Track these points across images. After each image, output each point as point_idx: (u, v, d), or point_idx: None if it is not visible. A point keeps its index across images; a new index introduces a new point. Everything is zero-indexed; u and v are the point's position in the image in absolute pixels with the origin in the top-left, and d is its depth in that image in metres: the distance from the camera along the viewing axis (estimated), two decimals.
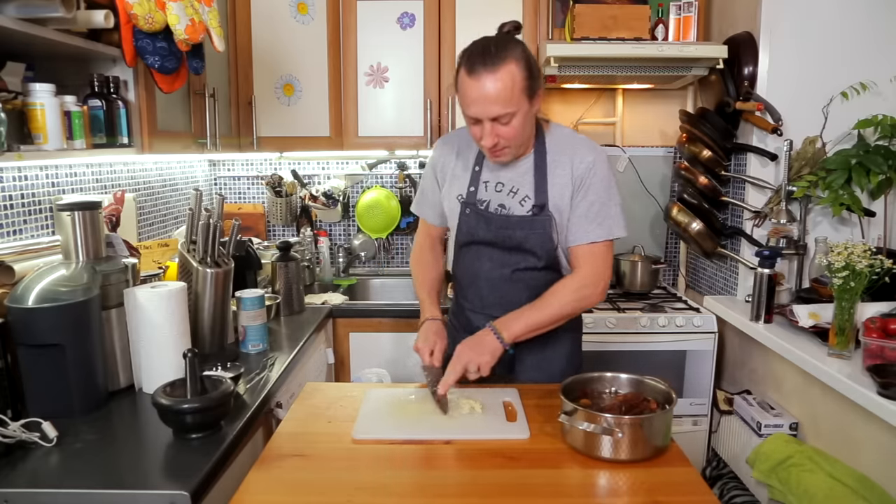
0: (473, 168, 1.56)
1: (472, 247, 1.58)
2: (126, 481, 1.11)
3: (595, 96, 2.85)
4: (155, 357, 1.47)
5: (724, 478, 2.21)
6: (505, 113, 1.36)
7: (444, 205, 1.63)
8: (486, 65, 1.33)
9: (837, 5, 2.17)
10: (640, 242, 2.82)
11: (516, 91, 1.34)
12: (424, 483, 1.14)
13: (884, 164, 2.02)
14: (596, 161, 1.48)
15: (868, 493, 1.58)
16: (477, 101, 1.36)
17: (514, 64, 1.34)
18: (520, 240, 1.51)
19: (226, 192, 3.00)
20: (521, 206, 1.51)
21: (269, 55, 2.51)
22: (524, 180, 1.51)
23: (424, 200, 1.71)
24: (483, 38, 1.40)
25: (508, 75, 1.33)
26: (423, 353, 1.51)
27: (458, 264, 1.65)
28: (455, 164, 1.60)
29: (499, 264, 1.56)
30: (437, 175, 1.65)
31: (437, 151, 1.65)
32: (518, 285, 1.55)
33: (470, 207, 1.55)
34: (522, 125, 1.40)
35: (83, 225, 1.44)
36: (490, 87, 1.33)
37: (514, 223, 1.51)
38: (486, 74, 1.33)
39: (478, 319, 1.60)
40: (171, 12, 1.58)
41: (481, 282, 1.59)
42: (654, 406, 1.27)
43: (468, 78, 1.35)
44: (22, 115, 1.42)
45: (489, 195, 1.54)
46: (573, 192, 1.48)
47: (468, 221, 1.56)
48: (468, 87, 1.36)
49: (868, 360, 1.64)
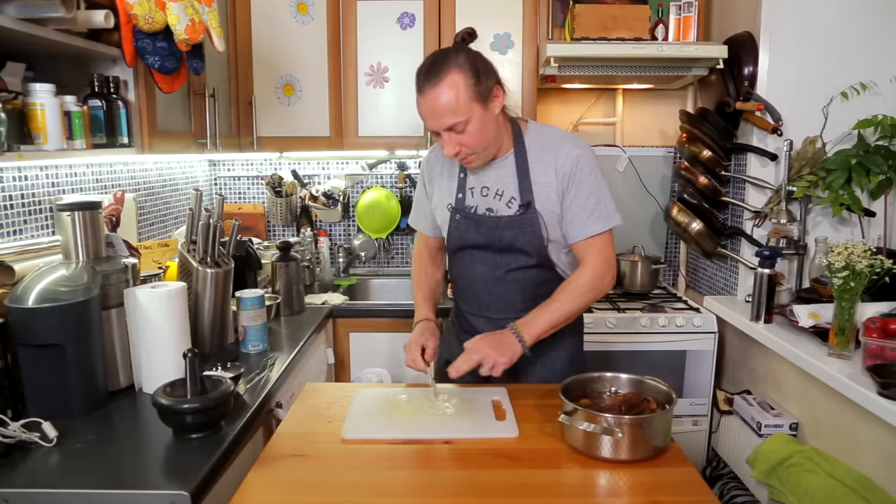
0: (459, 175, 1.59)
1: (465, 251, 1.61)
2: (126, 481, 1.11)
3: (595, 96, 2.85)
4: (155, 357, 1.47)
5: (724, 478, 2.21)
6: (456, 122, 1.40)
7: (436, 215, 1.66)
8: (429, 80, 1.39)
9: (837, 5, 2.17)
10: (640, 242, 2.82)
11: (462, 99, 1.38)
12: (424, 483, 1.14)
13: (884, 164, 2.02)
14: (581, 156, 1.50)
15: (868, 494, 1.58)
16: (428, 116, 1.42)
17: (457, 72, 1.38)
18: (510, 240, 1.53)
19: (226, 192, 3.00)
20: (509, 208, 1.53)
21: (269, 55, 2.51)
22: (507, 182, 1.53)
23: (419, 213, 1.74)
24: (432, 53, 1.46)
25: (451, 86, 1.37)
26: (412, 351, 1.54)
27: (454, 268, 1.68)
28: (441, 175, 1.64)
29: (491, 266, 1.58)
30: (426, 186, 1.69)
31: (424, 164, 1.69)
32: (512, 286, 1.57)
33: (459, 213, 1.58)
34: (481, 130, 1.42)
35: (83, 225, 1.44)
36: (436, 101, 1.39)
37: (504, 224, 1.53)
38: (430, 89, 1.38)
39: (476, 321, 1.63)
40: (171, 12, 1.58)
41: (476, 284, 1.61)
42: (654, 406, 1.27)
43: (419, 96, 1.43)
44: (22, 115, 1.42)
45: (476, 200, 1.57)
46: (563, 189, 1.50)
47: (458, 227, 1.58)
48: (420, 105, 1.43)
49: (868, 360, 1.64)
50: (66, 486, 1.09)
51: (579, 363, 1.66)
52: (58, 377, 1.34)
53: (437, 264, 1.77)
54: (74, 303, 1.34)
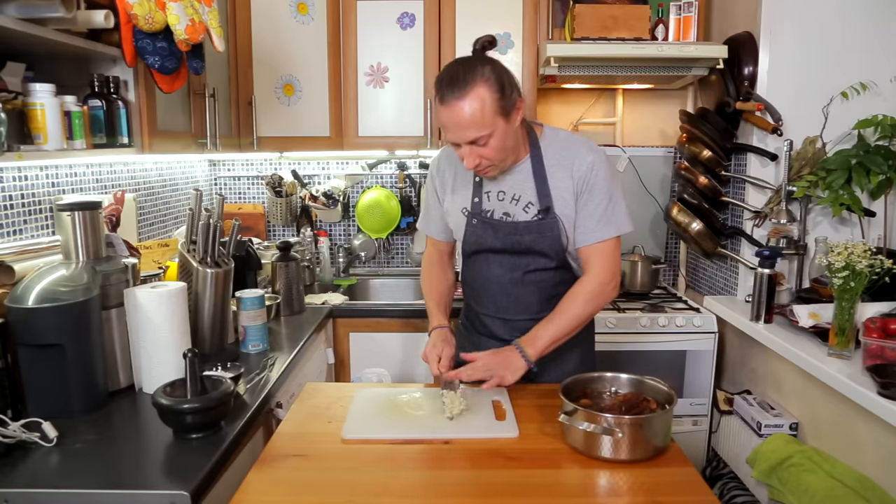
0: (474, 179, 1.57)
1: (481, 255, 1.59)
2: (126, 481, 1.11)
3: (595, 96, 2.85)
4: (155, 357, 1.47)
5: (724, 478, 2.21)
6: (480, 136, 1.37)
7: (449, 219, 1.64)
8: (455, 92, 1.34)
9: (837, 5, 2.17)
10: (640, 242, 2.82)
11: (487, 113, 1.35)
12: (424, 483, 1.14)
13: (884, 164, 2.02)
14: (595, 160, 1.49)
15: (868, 494, 1.58)
16: (451, 128, 1.39)
17: (483, 86, 1.34)
18: (529, 244, 1.52)
19: (226, 192, 3.00)
20: (526, 213, 1.52)
21: (269, 55, 2.51)
22: (525, 187, 1.52)
23: (429, 217, 1.72)
24: (454, 61, 1.43)
25: (478, 100, 1.34)
26: (431, 360, 1.51)
27: (467, 271, 1.66)
28: (454, 178, 1.61)
29: (509, 269, 1.57)
30: (437, 191, 1.66)
31: (436, 168, 1.66)
32: (530, 287, 1.57)
33: (476, 217, 1.56)
34: (502, 143, 1.41)
35: (83, 225, 1.44)
36: (461, 114, 1.35)
37: (522, 229, 1.52)
38: (456, 102, 1.35)
39: (493, 323, 1.63)
40: (171, 12, 1.58)
41: (493, 287, 1.60)
42: (654, 406, 1.27)
43: (441, 106, 1.38)
44: (22, 115, 1.42)
45: (492, 205, 1.55)
46: (577, 193, 1.49)
47: (475, 231, 1.57)
48: (442, 115, 1.39)
49: (868, 360, 1.64)
50: (66, 486, 1.09)
51: (590, 365, 1.66)
52: (58, 377, 1.34)
53: (445, 269, 1.75)
54: (74, 303, 1.34)
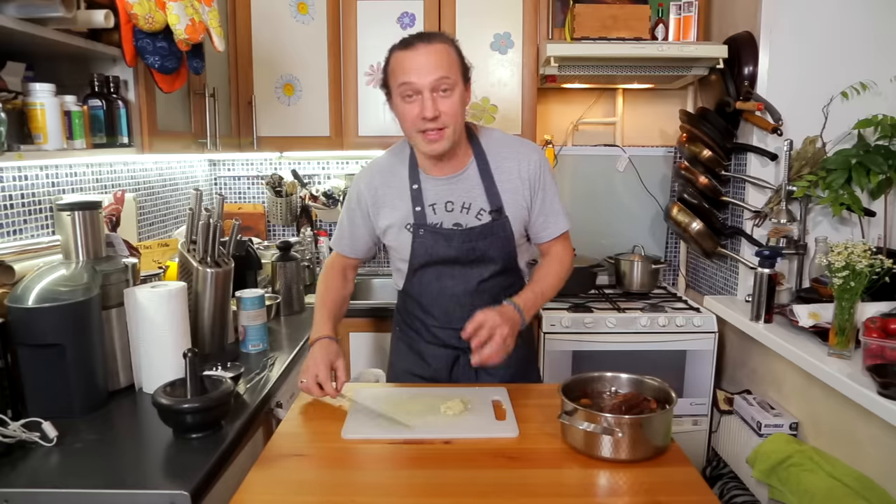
0: (412, 187, 1.53)
1: (431, 268, 1.57)
2: (126, 481, 1.11)
3: (595, 96, 2.85)
4: (155, 357, 1.47)
5: (724, 478, 2.22)
6: (445, 77, 1.38)
7: (387, 237, 1.58)
8: (423, 39, 1.39)
9: (837, 5, 2.17)
10: (640, 242, 2.82)
11: (454, 63, 1.40)
12: (425, 483, 1.13)
13: (884, 164, 2.02)
14: (540, 158, 1.55)
15: (868, 493, 1.58)
16: (415, 69, 1.37)
17: (449, 43, 1.42)
18: (483, 249, 1.53)
19: (226, 192, 3.00)
20: (478, 219, 1.52)
21: (269, 55, 2.50)
22: (474, 193, 1.52)
23: (343, 235, 1.67)
24: None
25: (444, 49, 1.40)
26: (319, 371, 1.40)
27: (415, 286, 1.62)
28: (386, 194, 1.56)
29: (462, 280, 1.57)
30: (367, 209, 1.59)
31: (363, 185, 1.59)
32: (483, 296, 1.57)
33: (423, 228, 1.52)
34: (460, 106, 1.42)
35: (83, 225, 1.44)
36: (428, 56, 1.37)
37: (476, 234, 1.52)
38: (423, 46, 1.38)
39: (443, 333, 1.62)
40: (171, 12, 1.58)
41: (445, 299, 1.59)
42: (654, 406, 1.27)
43: (404, 51, 1.40)
44: (22, 115, 1.42)
45: (440, 217, 1.52)
46: (531, 193, 1.53)
47: (424, 243, 1.53)
48: (405, 59, 1.39)
49: (868, 360, 1.64)
50: (66, 486, 1.09)
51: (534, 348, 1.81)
52: (58, 377, 1.34)
53: (348, 280, 1.73)
54: (74, 303, 1.34)
